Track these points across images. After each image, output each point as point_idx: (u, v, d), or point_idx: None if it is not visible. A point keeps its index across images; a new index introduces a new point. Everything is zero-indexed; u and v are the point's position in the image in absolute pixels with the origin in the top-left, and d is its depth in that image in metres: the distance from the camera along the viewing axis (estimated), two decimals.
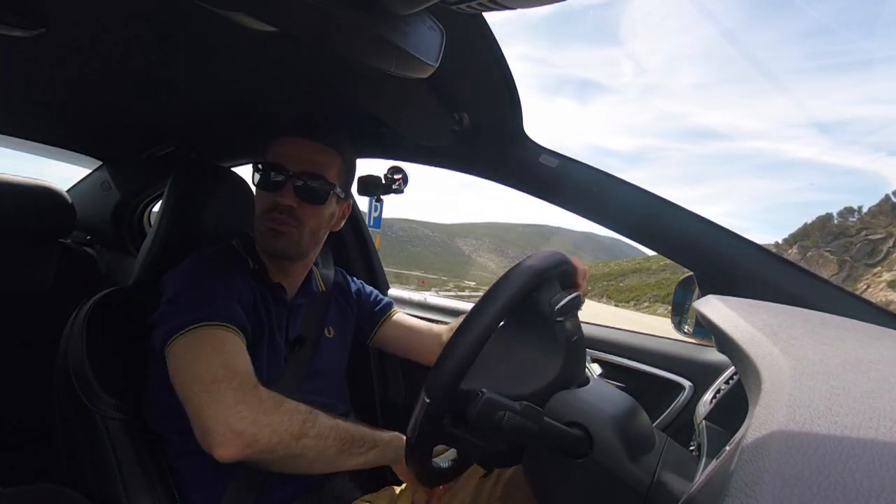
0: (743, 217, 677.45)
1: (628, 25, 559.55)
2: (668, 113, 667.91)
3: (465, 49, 0.70)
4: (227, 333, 0.69)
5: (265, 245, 0.84)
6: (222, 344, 0.68)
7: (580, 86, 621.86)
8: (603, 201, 0.94)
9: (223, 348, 0.67)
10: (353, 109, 1.01)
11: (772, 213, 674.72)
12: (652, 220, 0.91)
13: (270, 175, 0.81)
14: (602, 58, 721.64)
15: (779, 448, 0.23)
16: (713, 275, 0.87)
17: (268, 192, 0.81)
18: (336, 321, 0.97)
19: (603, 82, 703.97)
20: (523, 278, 0.54)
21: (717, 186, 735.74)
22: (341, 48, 0.48)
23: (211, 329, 0.68)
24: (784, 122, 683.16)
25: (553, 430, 0.50)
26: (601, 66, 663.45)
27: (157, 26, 0.73)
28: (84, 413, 0.76)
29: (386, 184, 1.21)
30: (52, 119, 1.27)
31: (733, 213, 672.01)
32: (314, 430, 0.64)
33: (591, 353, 1.03)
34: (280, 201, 0.80)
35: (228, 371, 0.64)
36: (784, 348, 0.37)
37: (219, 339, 0.68)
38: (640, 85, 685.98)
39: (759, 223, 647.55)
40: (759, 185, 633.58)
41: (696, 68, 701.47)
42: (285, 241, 0.82)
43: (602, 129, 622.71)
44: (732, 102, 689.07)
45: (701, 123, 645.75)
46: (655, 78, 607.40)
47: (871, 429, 0.24)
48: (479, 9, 0.43)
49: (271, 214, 0.81)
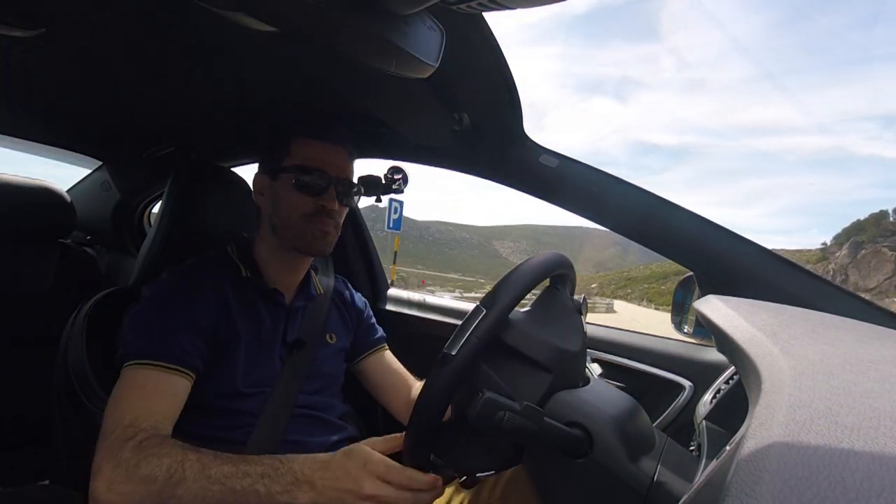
0: (792, 213, 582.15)
1: (669, 20, 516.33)
2: (714, 108, 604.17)
3: (465, 49, 0.70)
4: (157, 374, 0.70)
5: (306, 246, 0.84)
6: (137, 388, 0.68)
7: (619, 83, 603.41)
8: (603, 201, 0.94)
9: (133, 393, 0.68)
10: (353, 109, 1.01)
11: (825, 211, 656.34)
12: (652, 220, 0.91)
13: (314, 178, 0.82)
14: (641, 54, 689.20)
15: (779, 448, 0.23)
16: (713, 275, 0.87)
17: (310, 196, 0.83)
18: (337, 328, 0.97)
19: (643, 79, 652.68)
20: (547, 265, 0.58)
21: (765, 182, 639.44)
22: (341, 48, 0.48)
23: (139, 369, 0.69)
24: (846, 115, 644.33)
25: (553, 430, 0.50)
26: (640, 62, 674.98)
27: (157, 26, 0.73)
28: (84, 413, 0.76)
29: (386, 184, 1.21)
30: (53, 119, 1.27)
31: (782, 212, 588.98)
32: (173, 500, 0.57)
33: (591, 353, 1.03)
34: (327, 205, 0.83)
35: (117, 421, 0.64)
36: (784, 348, 0.37)
37: (138, 383, 0.69)
38: (683, 80, 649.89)
39: (808, 221, 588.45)
40: (811, 181, 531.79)
41: (744, 61, 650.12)
42: (328, 243, 0.85)
43: (642, 125, 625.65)
44: (784, 96, 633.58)
45: (751, 118, 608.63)
46: (699, 73, 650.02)
47: (872, 429, 0.24)
48: (479, 9, 0.43)
49: (318, 218, 0.83)
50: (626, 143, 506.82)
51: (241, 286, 0.84)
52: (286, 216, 0.84)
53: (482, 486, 0.77)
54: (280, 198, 0.84)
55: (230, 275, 0.84)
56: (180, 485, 0.57)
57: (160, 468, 0.58)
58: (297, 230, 0.84)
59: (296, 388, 0.84)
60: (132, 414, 0.65)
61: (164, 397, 0.69)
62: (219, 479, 0.57)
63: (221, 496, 0.57)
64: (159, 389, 0.69)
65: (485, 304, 0.54)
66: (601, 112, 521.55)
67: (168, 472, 0.58)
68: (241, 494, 0.57)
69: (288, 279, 0.90)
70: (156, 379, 0.69)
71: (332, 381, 0.93)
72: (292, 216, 0.83)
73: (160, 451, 0.60)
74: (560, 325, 0.61)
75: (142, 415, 0.65)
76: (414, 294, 1.46)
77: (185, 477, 0.57)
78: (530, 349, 0.56)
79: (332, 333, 0.95)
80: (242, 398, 0.79)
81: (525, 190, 1.02)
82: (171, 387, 0.70)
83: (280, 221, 0.84)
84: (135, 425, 0.63)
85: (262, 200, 0.88)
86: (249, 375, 0.80)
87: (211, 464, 0.59)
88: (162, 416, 0.67)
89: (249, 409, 0.79)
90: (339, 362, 0.96)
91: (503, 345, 0.56)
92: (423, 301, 1.41)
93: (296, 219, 0.83)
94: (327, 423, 0.88)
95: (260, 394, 0.81)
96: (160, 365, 0.70)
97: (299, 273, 0.92)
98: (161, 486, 0.57)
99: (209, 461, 0.59)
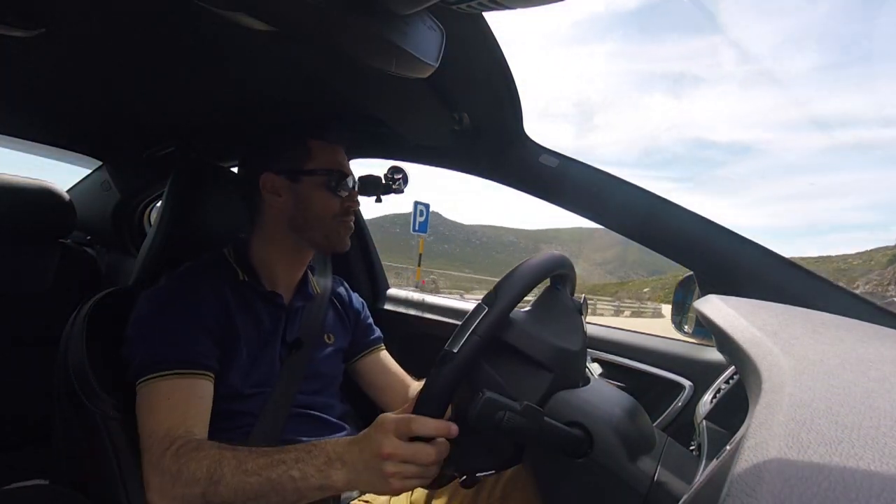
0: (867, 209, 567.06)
1: (728, 12, 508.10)
2: (780, 102, 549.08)
3: (465, 49, 0.70)
4: (178, 382, 0.71)
5: (335, 243, 0.89)
6: (163, 399, 0.70)
7: (675, 79, 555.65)
8: (603, 201, 0.94)
9: (161, 406, 0.70)
10: (353, 109, 1.01)
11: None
12: (652, 220, 0.91)
13: (343, 181, 0.89)
14: (699, 48, 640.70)
15: (779, 448, 0.23)
16: (713, 275, 0.88)
17: (339, 197, 0.88)
18: (335, 328, 0.98)
19: (700, 74, 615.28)
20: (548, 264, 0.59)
21: (839, 177, 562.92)
22: (341, 48, 0.48)
23: (159, 381, 0.71)
24: None
25: (553, 430, 0.50)
26: (698, 56, 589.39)
27: (157, 26, 0.73)
28: (84, 413, 0.76)
29: (386, 184, 1.21)
30: (52, 119, 1.27)
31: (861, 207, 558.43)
32: (217, 497, 0.61)
33: (591, 353, 1.03)
34: (352, 205, 0.89)
35: (152, 435, 0.67)
36: (784, 348, 0.37)
37: (162, 395, 0.71)
38: (745, 73, 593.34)
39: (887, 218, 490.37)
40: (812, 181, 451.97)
41: (812, 51, 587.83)
42: (348, 239, 0.91)
43: (701, 121, 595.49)
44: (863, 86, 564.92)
45: (821, 111, 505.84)
46: (763, 65, 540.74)
47: (872, 428, 0.24)
48: (479, 9, 0.43)
49: (346, 217, 0.89)
50: (684, 140, 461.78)
51: (239, 288, 0.84)
52: (317, 216, 0.87)
53: (482, 485, 0.77)
54: (308, 199, 0.86)
55: (228, 278, 0.84)
56: (220, 482, 0.60)
57: (200, 470, 0.61)
58: (327, 229, 0.87)
59: (295, 388, 0.85)
60: (165, 425, 0.68)
61: (190, 403, 0.71)
62: (255, 471, 0.60)
63: (259, 486, 0.59)
64: (184, 396, 0.71)
65: (486, 303, 0.54)
66: (656, 108, 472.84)
67: (208, 473, 0.61)
68: (278, 482, 0.59)
69: (286, 279, 0.91)
70: (178, 387, 0.71)
71: (330, 381, 0.93)
72: (324, 217, 0.87)
73: (198, 455, 0.63)
74: (560, 324, 0.61)
75: (174, 424, 0.68)
76: (413, 294, 1.46)
77: (224, 474, 0.60)
78: (531, 348, 0.56)
79: (330, 334, 0.96)
80: (243, 399, 0.79)
81: (525, 190, 1.02)
82: (194, 391, 0.72)
83: (307, 222, 0.87)
84: (170, 435, 0.66)
85: (277, 202, 0.87)
86: (250, 376, 0.80)
87: (247, 458, 0.61)
88: (192, 421, 0.69)
89: (250, 409, 0.80)
90: (336, 363, 0.97)
91: (504, 344, 0.56)
92: (422, 301, 1.41)
93: (329, 218, 0.87)
94: (326, 422, 0.88)
95: (260, 394, 0.81)
96: (178, 372, 0.71)
97: (297, 273, 0.92)
98: (204, 486, 0.60)
99: (245, 456, 0.62)
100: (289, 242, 0.89)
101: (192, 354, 0.73)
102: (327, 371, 0.93)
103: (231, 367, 0.79)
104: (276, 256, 0.89)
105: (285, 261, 0.90)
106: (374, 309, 1.44)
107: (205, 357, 0.75)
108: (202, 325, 0.76)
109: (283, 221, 0.88)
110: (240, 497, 0.60)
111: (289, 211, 0.87)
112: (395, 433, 0.55)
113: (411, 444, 0.54)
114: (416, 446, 0.54)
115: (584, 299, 0.66)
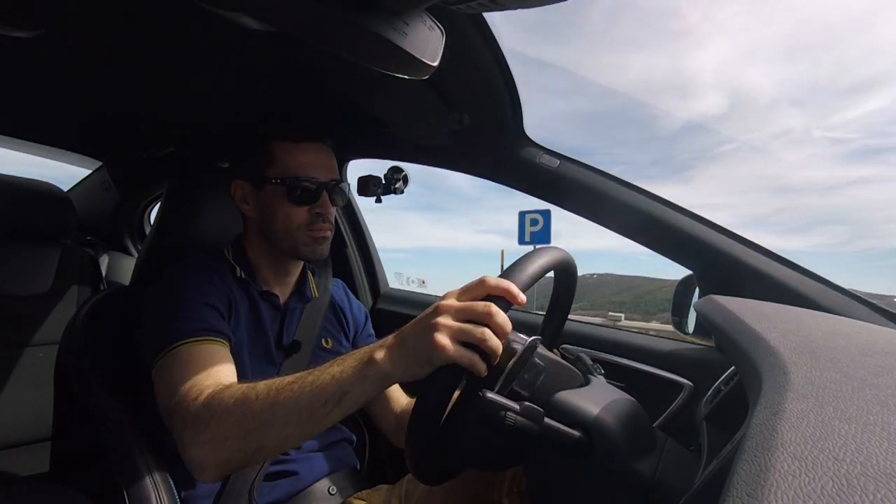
0: None
1: None
2: None
3: (465, 49, 0.70)
4: (197, 348, 0.68)
5: (307, 254, 0.83)
6: (182, 366, 0.66)
7: None
8: (603, 201, 0.94)
9: (183, 369, 0.66)
10: (353, 109, 1.01)
11: None
12: (652, 220, 0.91)
13: (304, 188, 0.81)
14: None
15: (779, 447, 0.23)
16: (713, 275, 0.88)
17: (304, 206, 0.81)
18: (333, 334, 0.96)
19: None
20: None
21: None
22: (341, 48, 0.48)
23: (179, 350, 0.68)
24: None
25: (554, 431, 0.50)
26: None
27: (156, 26, 0.73)
28: (83, 413, 0.76)
29: (386, 184, 1.21)
30: (52, 119, 1.27)
31: None
32: (254, 420, 0.56)
33: (592, 353, 1.03)
34: (321, 212, 0.82)
35: (178, 394, 0.63)
36: (784, 348, 0.37)
37: (181, 362, 0.66)
38: None
39: None
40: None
41: None
42: (326, 246, 0.85)
43: None
44: None
45: None
46: None
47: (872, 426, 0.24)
48: (478, 9, 0.43)
49: (314, 225, 0.82)
50: None
51: (238, 283, 0.84)
52: (282, 228, 0.82)
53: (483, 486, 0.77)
54: (271, 209, 0.82)
55: (228, 272, 0.84)
56: (257, 400, 0.56)
57: (233, 398, 0.58)
58: (295, 240, 0.82)
59: None
60: (188, 382, 0.63)
61: (212, 362, 0.67)
62: (291, 381, 0.56)
63: (297, 394, 0.54)
64: (204, 359, 0.67)
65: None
66: None
67: (243, 397, 0.57)
68: (317, 386, 0.54)
69: (279, 281, 0.90)
70: (196, 352, 0.67)
71: None
72: (289, 227, 0.82)
73: (229, 390, 0.60)
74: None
75: (199, 379, 0.64)
76: (413, 293, 1.46)
77: (258, 392, 0.56)
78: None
79: (328, 338, 0.94)
80: None
81: (525, 190, 1.02)
82: (213, 354, 0.68)
83: (275, 233, 0.83)
84: (196, 387, 0.62)
85: (247, 209, 0.86)
86: (249, 376, 0.80)
87: (283, 378, 0.58)
88: (220, 374, 0.66)
89: None
90: None
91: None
92: (422, 300, 1.41)
93: (294, 230, 0.82)
94: None
95: None
96: (194, 340, 0.68)
97: (293, 275, 0.91)
98: (238, 415, 0.56)
99: (276, 379, 0.58)
100: (268, 250, 0.87)
101: (205, 323, 0.71)
102: None
103: (233, 355, 0.77)
104: (262, 260, 0.88)
105: (272, 265, 0.88)
106: (373, 309, 1.44)
107: (218, 325, 0.73)
108: (210, 303, 0.75)
109: (257, 229, 0.87)
110: (279, 413, 0.54)
111: (258, 220, 0.85)
112: (460, 293, 0.52)
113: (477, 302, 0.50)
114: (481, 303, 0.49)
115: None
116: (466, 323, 0.49)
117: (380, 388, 0.54)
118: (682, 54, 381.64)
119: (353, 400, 0.53)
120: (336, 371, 0.54)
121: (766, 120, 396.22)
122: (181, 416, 0.61)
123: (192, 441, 0.59)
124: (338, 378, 0.53)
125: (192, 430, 0.59)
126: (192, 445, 0.59)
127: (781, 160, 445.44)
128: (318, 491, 0.82)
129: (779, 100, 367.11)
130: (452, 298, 0.52)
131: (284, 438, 0.56)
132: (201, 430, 0.58)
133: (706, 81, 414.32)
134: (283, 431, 0.55)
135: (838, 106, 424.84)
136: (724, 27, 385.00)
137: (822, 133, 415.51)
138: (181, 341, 0.68)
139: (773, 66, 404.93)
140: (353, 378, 0.53)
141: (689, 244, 0.88)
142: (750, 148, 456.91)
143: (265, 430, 0.55)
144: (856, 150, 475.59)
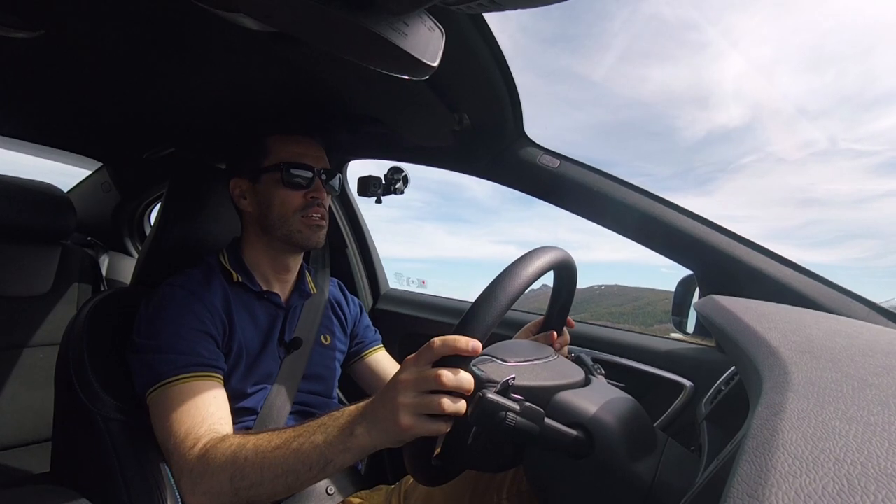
0: None
1: None
2: None
3: (465, 49, 0.70)
4: (189, 386, 0.70)
5: (303, 240, 0.86)
6: (177, 403, 0.69)
7: None
8: (603, 202, 0.94)
9: (178, 409, 0.68)
10: (353, 109, 1.01)
11: None
12: (652, 221, 0.91)
13: (300, 173, 0.85)
14: None
15: (780, 448, 0.23)
16: (713, 275, 0.88)
17: (298, 190, 0.85)
18: (332, 330, 0.98)
19: None
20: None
21: None
22: (341, 48, 0.48)
23: (171, 387, 0.70)
24: None
25: (554, 431, 0.50)
26: None
27: (156, 27, 0.73)
28: (84, 413, 0.76)
29: (386, 184, 1.21)
30: (53, 120, 1.27)
31: None
32: (245, 480, 0.59)
33: (592, 353, 1.03)
34: (317, 196, 0.85)
35: (173, 438, 0.67)
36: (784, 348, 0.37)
37: (175, 399, 0.69)
38: None
39: None
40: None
41: None
42: (321, 234, 0.88)
43: None
44: None
45: None
46: None
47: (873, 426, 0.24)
48: (478, 9, 0.43)
49: (311, 210, 0.85)
50: None
51: (235, 289, 0.85)
52: (279, 214, 0.85)
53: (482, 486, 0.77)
54: (268, 197, 0.85)
55: (223, 280, 0.85)
56: (245, 462, 0.60)
57: (224, 456, 0.61)
58: (291, 226, 0.85)
59: (294, 387, 0.85)
60: (185, 426, 0.67)
61: (207, 401, 0.70)
62: (279, 444, 0.59)
63: (284, 459, 0.58)
64: (199, 397, 0.70)
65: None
66: None
67: (232, 456, 0.61)
68: (302, 451, 0.57)
69: (279, 279, 0.91)
70: (189, 390, 0.70)
71: (327, 381, 0.94)
72: (286, 213, 0.85)
73: (222, 445, 0.63)
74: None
75: (194, 423, 0.67)
76: (413, 293, 1.46)
77: (248, 454, 0.60)
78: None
79: (327, 335, 0.96)
80: (244, 398, 0.80)
81: (525, 190, 1.02)
82: (208, 391, 0.71)
83: (272, 221, 0.85)
84: (192, 434, 0.66)
85: (245, 204, 0.88)
86: (250, 376, 0.81)
87: (270, 436, 0.61)
88: (213, 418, 0.69)
89: (251, 407, 0.80)
90: (334, 364, 0.96)
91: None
92: (421, 300, 1.41)
93: (290, 215, 0.85)
94: None
95: (261, 391, 0.82)
96: (189, 376, 0.71)
97: (292, 272, 0.93)
98: (230, 472, 0.60)
99: (268, 435, 0.62)
100: (267, 245, 0.88)
101: (198, 357, 0.73)
102: (325, 371, 0.93)
103: (232, 367, 0.79)
104: (262, 259, 0.89)
105: (272, 262, 0.89)
106: (373, 309, 1.44)
107: (211, 359, 0.74)
108: (203, 330, 0.76)
109: (255, 225, 0.88)
110: (267, 475, 0.58)
111: (256, 213, 0.87)
112: (414, 362, 0.52)
113: (429, 368, 0.51)
114: (430, 371, 0.50)
115: None
116: (426, 394, 0.50)
117: (361, 457, 0.56)
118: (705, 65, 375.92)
119: (337, 466, 0.57)
120: (320, 440, 0.57)
121: (791, 131, 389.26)
122: (178, 464, 0.65)
123: (190, 490, 0.64)
124: (321, 449, 0.56)
125: (188, 480, 0.64)
126: (189, 494, 0.64)
127: (807, 172, 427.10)
128: (316, 491, 0.82)
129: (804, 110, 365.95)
130: (410, 367, 0.53)
131: (274, 494, 0.60)
132: (197, 482, 0.63)
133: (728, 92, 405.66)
134: (272, 490, 0.59)
135: (866, 117, 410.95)
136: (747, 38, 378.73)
137: (849, 145, 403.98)
138: (172, 378, 0.70)
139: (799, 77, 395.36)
140: (336, 450, 0.56)
141: (689, 244, 0.88)
142: (774, 159, 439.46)
143: (255, 489, 0.59)
144: (883, 163, 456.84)
